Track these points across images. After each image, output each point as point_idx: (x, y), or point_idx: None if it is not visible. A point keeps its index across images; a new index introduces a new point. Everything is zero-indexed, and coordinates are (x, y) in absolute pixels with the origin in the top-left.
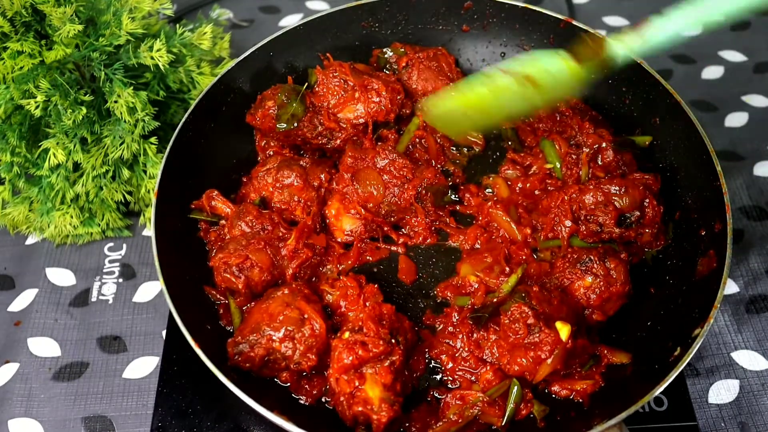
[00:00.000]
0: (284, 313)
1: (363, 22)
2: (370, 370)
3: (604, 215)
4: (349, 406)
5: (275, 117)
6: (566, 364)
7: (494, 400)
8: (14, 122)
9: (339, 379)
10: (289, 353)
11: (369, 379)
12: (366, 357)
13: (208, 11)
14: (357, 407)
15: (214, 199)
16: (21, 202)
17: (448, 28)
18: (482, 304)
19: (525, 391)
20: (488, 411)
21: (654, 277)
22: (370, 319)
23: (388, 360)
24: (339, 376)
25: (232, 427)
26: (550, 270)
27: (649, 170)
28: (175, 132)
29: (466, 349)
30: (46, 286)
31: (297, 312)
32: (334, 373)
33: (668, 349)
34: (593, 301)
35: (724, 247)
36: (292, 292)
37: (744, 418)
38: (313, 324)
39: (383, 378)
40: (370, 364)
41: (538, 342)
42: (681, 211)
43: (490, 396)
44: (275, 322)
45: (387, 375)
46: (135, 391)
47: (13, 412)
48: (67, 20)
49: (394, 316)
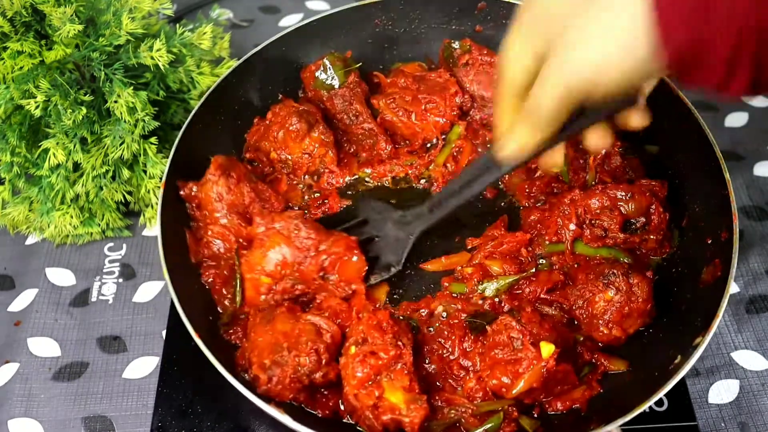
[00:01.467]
0: (298, 327)
1: (376, 20)
2: (386, 378)
3: (609, 220)
4: (377, 417)
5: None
6: (547, 387)
7: (477, 415)
8: (14, 122)
9: (358, 394)
10: (315, 366)
11: (387, 386)
12: (379, 365)
13: (208, 11)
14: (385, 416)
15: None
16: (21, 202)
17: (462, 28)
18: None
19: (511, 410)
20: (469, 420)
21: (658, 284)
22: (372, 328)
23: (400, 363)
24: (357, 392)
25: (233, 427)
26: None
27: (657, 177)
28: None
29: (453, 354)
30: (46, 286)
31: (310, 325)
32: (352, 390)
33: (669, 357)
34: (613, 315)
35: (730, 256)
36: (288, 309)
37: (744, 418)
38: (329, 331)
39: (401, 381)
40: (384, 372)
41: (519, 358)
42: (687, 218)
43: (478, 407)
44: (292, 338)
45: (403, 378)
46: (135, 391)
47: (13, 412)
48: (67, 20)
49: (391, 320)
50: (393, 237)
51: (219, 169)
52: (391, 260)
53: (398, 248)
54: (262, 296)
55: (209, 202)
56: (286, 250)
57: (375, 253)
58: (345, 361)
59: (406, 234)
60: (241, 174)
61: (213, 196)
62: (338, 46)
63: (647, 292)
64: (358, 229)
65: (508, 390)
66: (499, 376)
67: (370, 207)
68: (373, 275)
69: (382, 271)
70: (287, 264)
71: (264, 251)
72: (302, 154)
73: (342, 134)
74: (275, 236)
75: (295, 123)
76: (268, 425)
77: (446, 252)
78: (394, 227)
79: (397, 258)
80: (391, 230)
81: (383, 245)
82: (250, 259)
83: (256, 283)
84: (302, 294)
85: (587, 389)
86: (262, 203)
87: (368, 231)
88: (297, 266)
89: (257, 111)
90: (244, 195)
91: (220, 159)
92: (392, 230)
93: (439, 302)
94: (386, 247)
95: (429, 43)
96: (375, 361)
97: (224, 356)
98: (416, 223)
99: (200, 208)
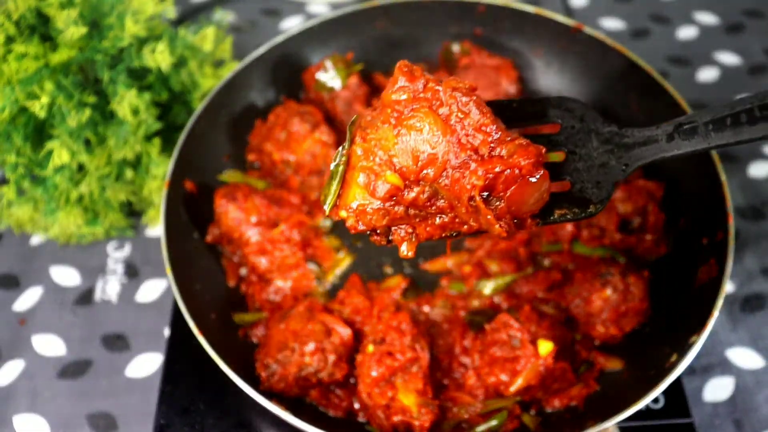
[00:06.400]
0: (308, 327)
1: (377, 23)
2: (400, 380)
3: (606, 220)
4: (387, 417)
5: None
6: (544, 385)
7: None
8: (19, 123)
9: (371, 393)
10: (321, 365)
11: (401, 388)
12: (395, 366)
13: (210, 14)
14: (395, 417)
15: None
16: (26, 202)
17: (461, 31)
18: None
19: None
20: (474, 417)
21: (654, 283)
22: (391, 329)
23: (415, 366)
24: (371, 391)
25: (235, 424)
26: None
27: (653, 177)
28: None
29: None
30: (50, 286)
31: (320, 325)
32: (366, 388)
33: (665, 355)
34: (610, 314)
35: (725, 256)
36: (307, 308)
37: (739, 416)
38: (340, 332)
39: (414, 384)
40: (399, 373)
41: (517, 356)
42: (683, 218)
43: (485, 405)
44: (301, 337)
45: (417, 381)
46: (138, 388)
47: (19, 409)
48: (71, 23)
49: (410, 322)
50: (598, 161)
51: (224, 198)
52: (591, 194)
53: (604, 181)
54: (371, 205)
55: (233, 230)
56: (439, 139)
57: (568, 176)
58: (361, 359)
59: (620, 163)
60: (246, 191)
61: (232, 224)
62: (340, 48)
63: (643, 291)
64: (540, 127)
65: (507, 387)
66: (497, 373)
67: (563, 108)
68: (559, 210)
69: (575, 206)
70: (434, 161)
71: (400, 130)
72: (305, 155)
73: (343, 135)
74: (425, 112)
75: (297, 124)
76: (271, 422)
77: (445, 251)
78: (600, 147)
79: (600, 194)
80: (596, 150)
81: (582, 168)
82: (373, 136)
83: (374, 178)
84: (427, 215)
85: (585, 387)
86: (279, 206)
87: (560, 140)
88: (450, 170)
89: (259, 112)
90: (257, 206)
91: (221, 191)
92: (597, 150)
93: (438, 300)
94: (586, 172)
95: (429, 46)
96: (391, 361)
97: (227, 353)
98: (640, 150)
99: (230, 242)
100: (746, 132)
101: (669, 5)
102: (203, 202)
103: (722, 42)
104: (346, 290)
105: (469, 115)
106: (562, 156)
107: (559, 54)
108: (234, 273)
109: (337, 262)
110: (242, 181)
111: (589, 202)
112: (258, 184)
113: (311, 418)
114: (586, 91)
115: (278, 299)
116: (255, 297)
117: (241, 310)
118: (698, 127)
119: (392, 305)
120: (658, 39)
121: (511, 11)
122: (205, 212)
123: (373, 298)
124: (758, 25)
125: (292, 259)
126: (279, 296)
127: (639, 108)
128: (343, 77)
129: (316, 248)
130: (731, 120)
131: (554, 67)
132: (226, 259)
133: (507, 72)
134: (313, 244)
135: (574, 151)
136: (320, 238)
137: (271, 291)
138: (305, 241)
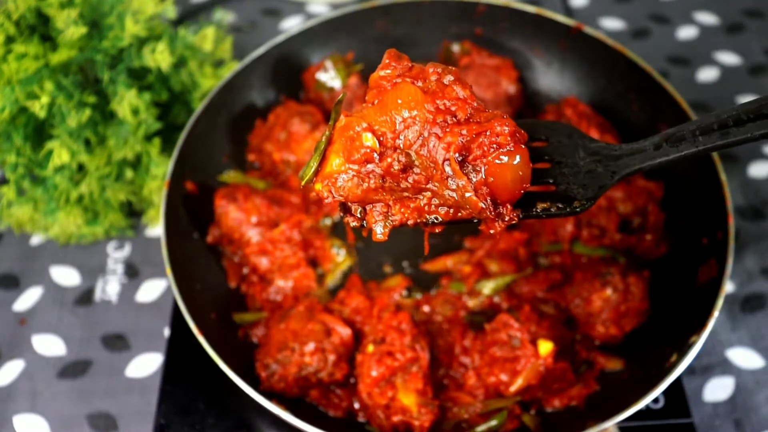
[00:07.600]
0: (308, 327)
1: (377, 23)
2: (400, 380)
3: (606, 220)
4: (387, 417)
5: (317, 78)
6: (545, 385)
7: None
8: (19, 123)
9: (371, 393)
10: (321, 365)
11: (401, 387)
12: (395, 366)
13: (210, 14)
14: (395, 417)
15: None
16: (26, 202)
17: (461, 31)
18: (481, 309)
19: (513, 408)
20: (474, 417)
21: (654, 283)
22: (390, 329)
23: (415, 366)
24: (371, 391)
25: (235, 424)
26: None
27: (653, 178)
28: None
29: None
30: (50, 286)
31: (320, 325)
32: (365, 388)
33: (665, 355)
34: (610, 314)
35: (725, 256)
36: (307, 308)
37: (739, 416)
38: (340, 332)
39: (414, 384)
40: (399, 373)
41: (517, 356)
42: (683, 218)
43: (485, 405)
44: (301, 337)
45: (417, 381)
46: (138, 388)
47: (19, 409)
48: (71, 23)
49: (410, 322)
50: (585, 168)
51: (224, 199)
52: (576, 193)
53: (591, 183)
54: (347, 171)
55: (234, 231)
56: (416, 104)
57: (551, 179)
58: (361, 359)
59: (608, 171)
60: (246, 191)
61: (233, 225)
62: (340, 48)
63: (643, 291)
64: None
65: (507, 387)
66: (497, 373)
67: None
68: (542, 203)
69: (559, 202)
70: (412, 125)
71: (381, 99)
72: (305, 155)
73: None
74: (406, 82)
75: (297, 124)
76: (271, 422)
77: (445, 251)
78: (587, 157)
79: (586, 194)
80: (583, 160)
81: (568, 173)
82: (357, 115)
83: (351, 144)
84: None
85: (585, 387)
86: (279, 206)
87: (547, 152)
88: (427, 135)
89: (259, 112)
90: (257, 206)
91: (221, 192)
92: (584, 160)
93: (438, 300)
94: (572, 176)
95: (429, 46)
96: (391, 361)
97: (227, 353)
98: (628, 160)
99: (231, 242)
100: (733, 134)
101: (669, 5)
102: (203, 202)
103: (722, 42)
104: (347, 290)
105: (450, 86)
106: (546, 165)
107: (559, 54)
108: (235, 274)
109: (337, 262)
110: (242, 182)
111: (573, 199)
112: (258, 185)
113: (311, 418)
114: (586, 91)
115: (279, 299)
116: (255, 297)
117: (241, 310)
118: (685, 135)
119: (392, 305)
120: (658, 39)
121: (511, 11)
122: (206, 212)
123: (373, 298)
124: (758, 25)
125: (292, 259)
126: (280, 296)
127: (639, 108)
128: (343, 77)
129: (316, 248)
130: (718, 125)
131: (554, 67)
132: (227, 259)
133: (507, 72)
134: (313, 244)
135: (560, 161)
136: (321, 239)
137: (272, 291)
138: (306, 241)
